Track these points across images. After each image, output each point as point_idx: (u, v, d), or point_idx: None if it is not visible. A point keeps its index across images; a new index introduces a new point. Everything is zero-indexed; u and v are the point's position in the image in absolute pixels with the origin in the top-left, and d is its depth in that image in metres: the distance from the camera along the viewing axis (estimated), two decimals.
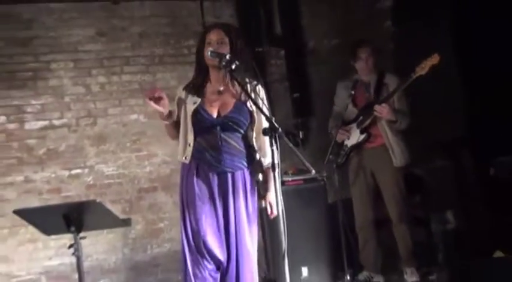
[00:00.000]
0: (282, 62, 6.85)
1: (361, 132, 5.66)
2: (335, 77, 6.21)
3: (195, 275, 4.09)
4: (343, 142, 5.75)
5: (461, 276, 5.50)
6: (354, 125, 5.70)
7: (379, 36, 6.77)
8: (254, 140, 4.14)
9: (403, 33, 6.69)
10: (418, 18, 6.38)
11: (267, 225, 5.71)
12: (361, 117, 5.66)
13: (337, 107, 5.89)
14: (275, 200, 4.08)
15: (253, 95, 4.01)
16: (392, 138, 5.60)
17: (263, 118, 3.94)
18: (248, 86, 4.03)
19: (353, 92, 5.66)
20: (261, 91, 4.10)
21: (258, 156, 4.16)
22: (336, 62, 6.60)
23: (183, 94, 4.09)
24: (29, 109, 6.06)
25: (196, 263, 4.09)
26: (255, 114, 4.09)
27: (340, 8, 6.92)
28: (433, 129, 6.07)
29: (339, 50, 6.77)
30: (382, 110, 5.43)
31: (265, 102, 4.04)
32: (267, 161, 4.13)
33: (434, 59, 5.21)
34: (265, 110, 3.92)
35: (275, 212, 4.13)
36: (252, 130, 4.13)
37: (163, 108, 3.91)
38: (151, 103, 3.87)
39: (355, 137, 5.70)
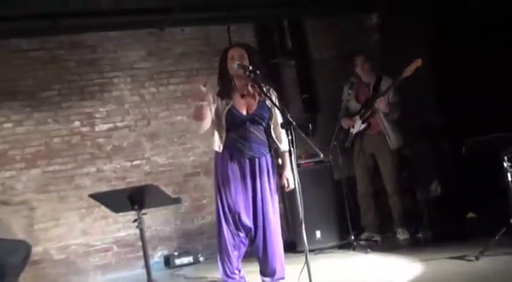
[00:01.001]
0: (292, 70, 6.80)
1: (363, 122, 5.65)
2: (335, 80, 6.22)
3: (230, 241, 4.10)
4: (349, 130, 5.73)
5: (441, 233, 5.46)
6: (357, 117, 5.69)
7: (368, 47, 6.70)
8: (272, 130, 4.14)
9: (388, 45, 6.62)
10: (399, 32, 6.33)
11: (287, 198, 5.70)
12: (362, 110, 5.65)
13: (343, 103, 5.85)
14: (291, 176, 4.11)
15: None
16: (388, 127, 5.60)
17: (278, 113, 4.01)
18: (263, 89, 4.04)
19: (350, 92, 5.66)
20: (273, 93, 4.10)
21: (277, 144, 4.17)
22: (335, 68, 6.60)
23: (217, 98, 4.08)
24: (97, 115, 6.06)
25: (231, 232, 4.10)
26: (272, 110, 4.10)
27: (336, 26, 6.86)
28: (416, 119, 6.02)
29: (336, 59, 6.74)
30: (381, 102, 5.44)
31: (277, 101, 4.05)
32: (283, 147, 4.14)
33: (418, 63, 5.21)
34: (276, 107, 4.01)
35: (291, 186, 4.14)
36: (270, 123, 4.14)
37: (205, 89, 3.89)
38: (202, 85, 3.87)
39: (357, 126, 5.69)
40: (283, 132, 4.07)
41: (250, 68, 3.95)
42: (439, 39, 6.12)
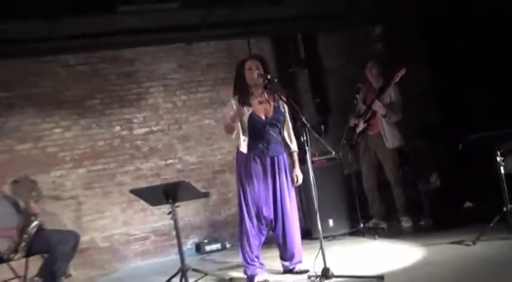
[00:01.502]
0: (306, 78, 6.79)
1: (364, 122, 5.64)
2: (344, 86, 6.18)
3: (251, 232, 4.11)
4: (355, 130, 5.70)
5: (441, 221, 5.41)
6: (362, 117, 5.68)
7: (373, 54, 6.66)
8: (285, 132, 4.15)
9: (390, 53, 6.58)
10: (400, 41, 6.30)
11: (303, 191, 5.70)
12: (365, 112, 5.64)
13: (356, 107, 5.82)
14: (299, 173, 4.12)
15: (280, 102, 4.06)
16: (386, 127, 5.58)
17: (288, 116, 4.12)
18: (279, 95, 4.06)
19: (357, 96, 5.67)
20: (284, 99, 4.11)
21: (289, 144, 4.19)
22: (344, 75, 6.54)
23: (238, 105, 4.08)
24: (135, 120, 6.12)
25: (252, 224, 4.10)
26: (285, 115, 4.11)
27: (345, 37, 6.82)
28: (415, 119, 5.96)
29: (345, 66, 6.69)
30: (376, 105, 5.46)
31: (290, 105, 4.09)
32: (293, 147, 4.15)
33: (402, 71, 5.29)
34: (287, 112, 4.11)
35: (300, 182, 4.16)
36: (283, 125, 4.15)
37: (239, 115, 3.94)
38: (237, 115, 3.91)
39: (361, 125, 5.69)
40: (292, 134, 4.11)
41: (269, 76, 3.97)
42: (436, 43, 6.06)
